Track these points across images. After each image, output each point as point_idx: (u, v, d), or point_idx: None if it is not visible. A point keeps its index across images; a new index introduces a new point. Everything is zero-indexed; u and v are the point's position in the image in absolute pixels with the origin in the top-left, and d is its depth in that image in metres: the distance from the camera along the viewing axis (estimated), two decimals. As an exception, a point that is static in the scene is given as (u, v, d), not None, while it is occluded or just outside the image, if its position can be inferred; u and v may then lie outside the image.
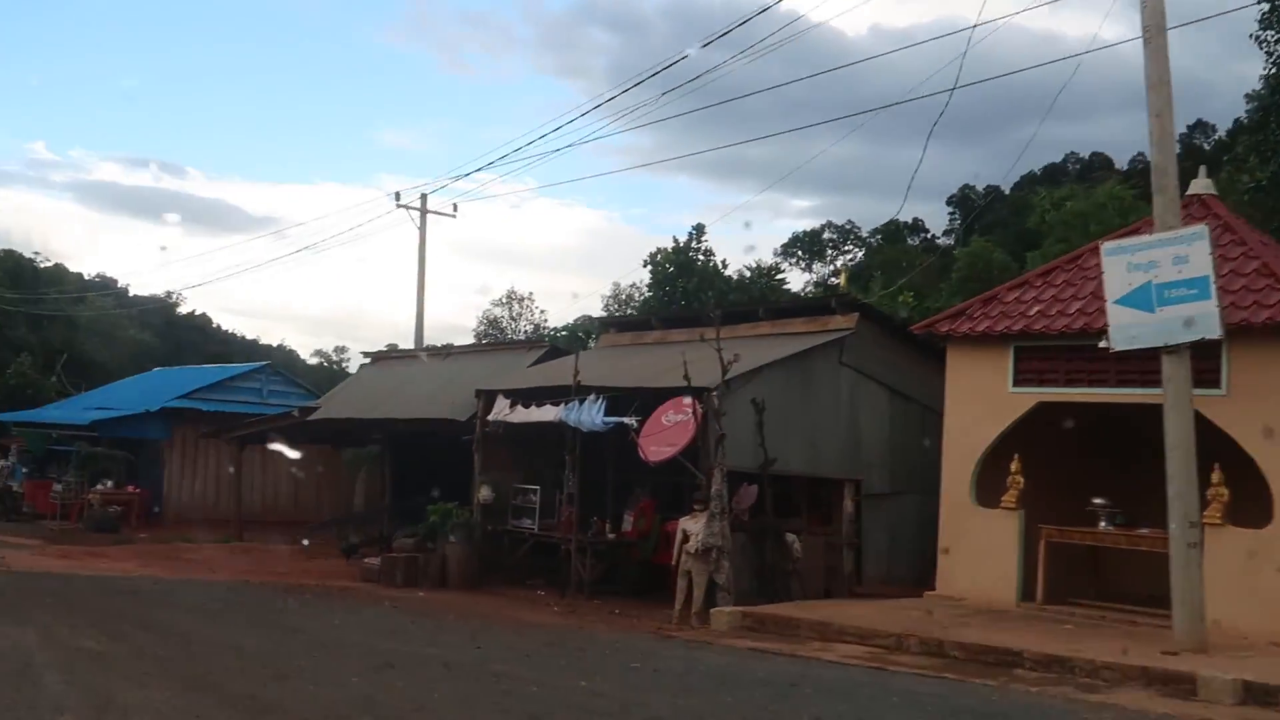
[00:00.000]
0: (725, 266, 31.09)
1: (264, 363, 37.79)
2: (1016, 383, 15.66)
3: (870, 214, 77.91)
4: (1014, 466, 15.42)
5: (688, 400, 15.92)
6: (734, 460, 16.01)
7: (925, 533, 18.20)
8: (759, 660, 12.07)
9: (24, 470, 33.78)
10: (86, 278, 76.45)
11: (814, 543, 17.39)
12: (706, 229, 30.61)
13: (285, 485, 33.46)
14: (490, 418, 19.18)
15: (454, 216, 31.57)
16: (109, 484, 30.42)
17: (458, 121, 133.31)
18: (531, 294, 61.19)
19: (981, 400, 15.94)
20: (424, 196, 30.73)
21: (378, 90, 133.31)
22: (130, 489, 30.40)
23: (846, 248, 64.26)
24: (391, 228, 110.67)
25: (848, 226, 64.72)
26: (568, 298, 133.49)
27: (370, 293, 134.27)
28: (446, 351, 24.53)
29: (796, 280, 54.87)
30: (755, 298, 29.65)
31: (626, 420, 16.51)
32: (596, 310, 42.66)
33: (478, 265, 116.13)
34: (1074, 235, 35.75)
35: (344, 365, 79.97)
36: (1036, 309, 15.58)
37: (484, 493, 19.28)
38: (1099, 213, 36.78)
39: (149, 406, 31.31)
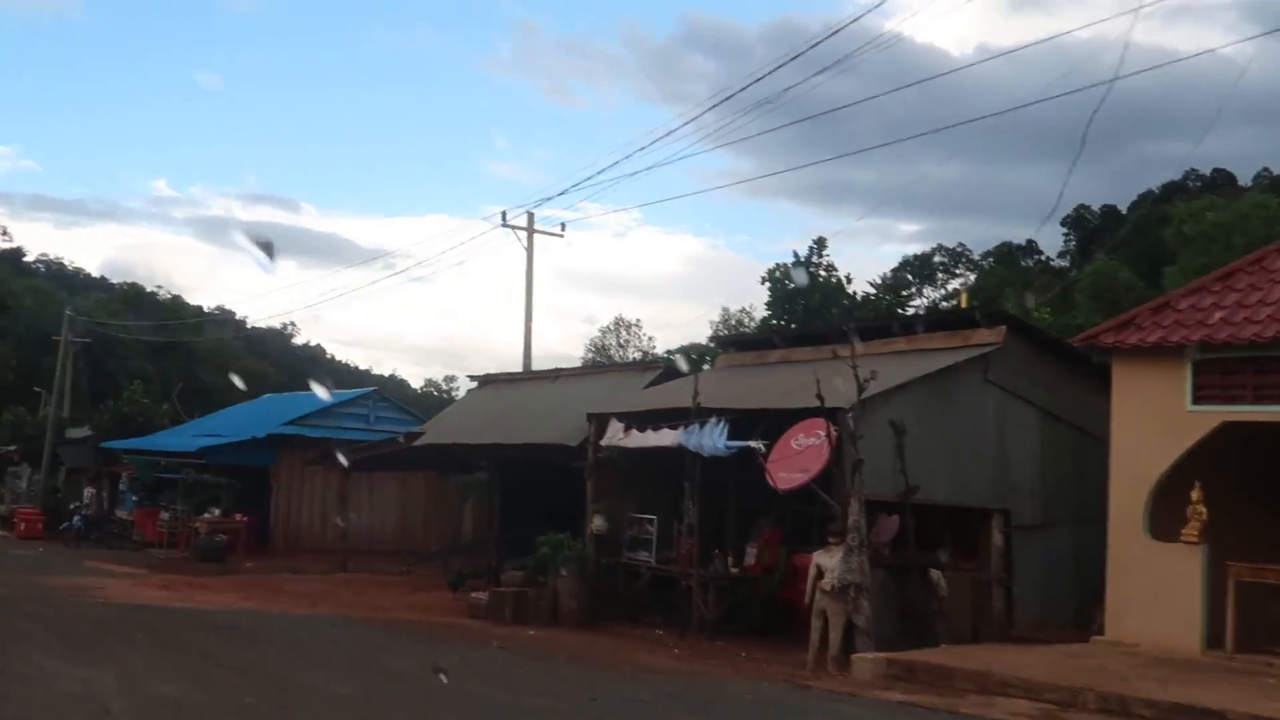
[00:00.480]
0: (850, 282, 29.45)
1: (370, 388, 37.25)
2: (1196, 399, 13.82)
3: (981, 237, 75.27)
4: (1195, 495, 13.57)
5: (820, 423, 14.45)
6: (871, 488, 14.49)
7: (1083, 569, 16.45)
8: (915, 719, 10.55)
9: (134, 498, 33.68)
10: (206, 310, 78.34)
11: (960, 580, 15.71)
12: (828, 243, 28.99)
13: (392, 513, 32.75)
14: (603, 443, 17.95)
15: (561, 236, 30.59)
16: (216, 512, 30.02)
17: (562, 151, 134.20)
18: (639, 320, 60.24)
19: (1155, 420, 14.12)
20: (530, 215, 29.81)
21: (483, 122, 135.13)
22: (237, 517, 29.93)
23: (958, 270, 62.02)
24: (499, 251, 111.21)
25: (959, 249, 62.39)
26: (675, 325, 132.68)
27: (478, 323, 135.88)
28: (556, 374, 23.41)
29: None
30: (883, 313, 27.80)
31: (753, 444, 15.09)
32: (705, 337, 41.28)
33: (583, 294, 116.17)
34: (1215, 248, 33.48)
35: (452, 393, 79.93)
36: (1218, 315, 13.76)
37: (597, 523, 18.03)
38: (1242, 224, 34.50)
39: (256, 433, 30.86)
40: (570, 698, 10.85)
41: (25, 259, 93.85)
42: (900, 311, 28.59)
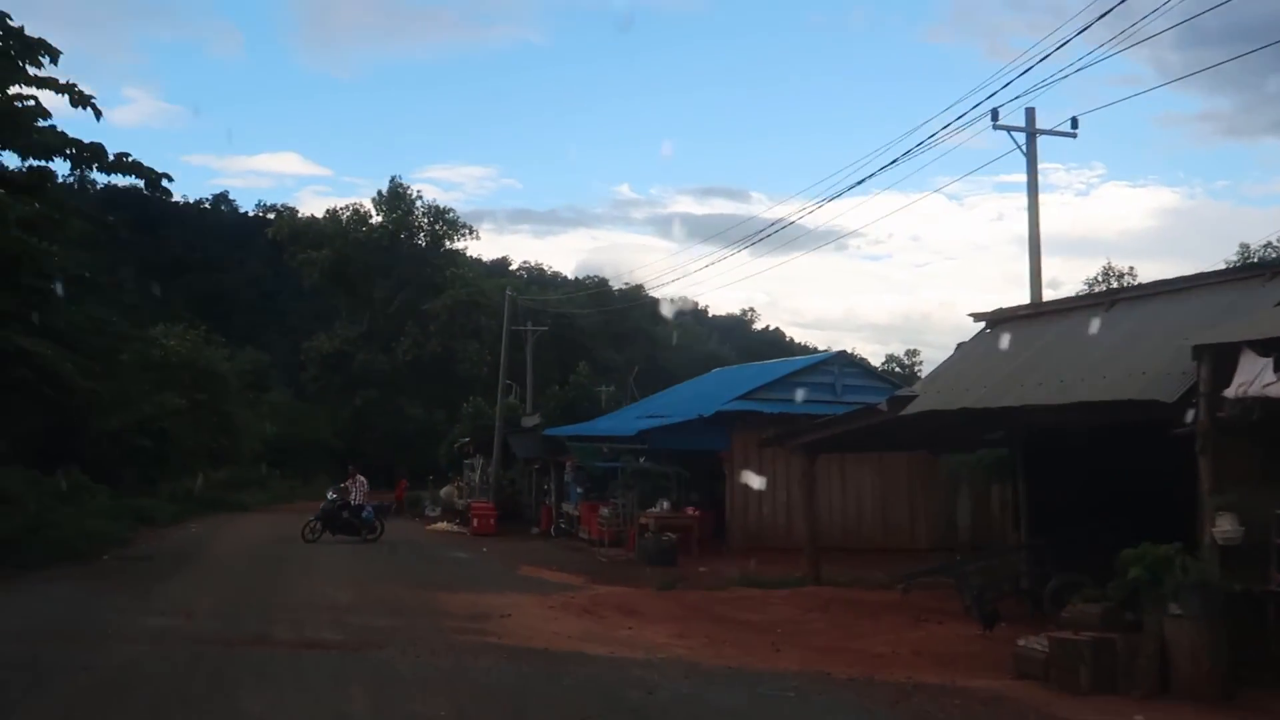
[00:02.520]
0: None
1: (837, 350, 31.45)
2: None
3: None
4: None
5: None
6: None
7: None
8: None
9: (579, 490, 30.09)
10: (671, 301, 78.36)
11: None
12: None
13: (870, 504, 26.77)
14: (1230, 393, 10.71)
15: (1074, 135, 22.96)
16: (665, 505, 25.51)
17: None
18: (1131, 269, 50.29)
19: None
20: (1030, 111, 22.48)
21: (925, 90, 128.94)
22: (688, 510, 25.27)
23: None
24: (951, 219, 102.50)
25: None
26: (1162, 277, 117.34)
27: (935, 296, 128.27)
28: (1113, 297, 16.05)
29: None
30: None
31: None
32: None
33: (1045, 260, 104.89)
34: None
35: (915, 368, 73.76)
36: None
37: (1224, 526, 10.86)
38: None
39: (703, 411, 26.01)
40: None
41: (510, 267, 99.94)
42: None
